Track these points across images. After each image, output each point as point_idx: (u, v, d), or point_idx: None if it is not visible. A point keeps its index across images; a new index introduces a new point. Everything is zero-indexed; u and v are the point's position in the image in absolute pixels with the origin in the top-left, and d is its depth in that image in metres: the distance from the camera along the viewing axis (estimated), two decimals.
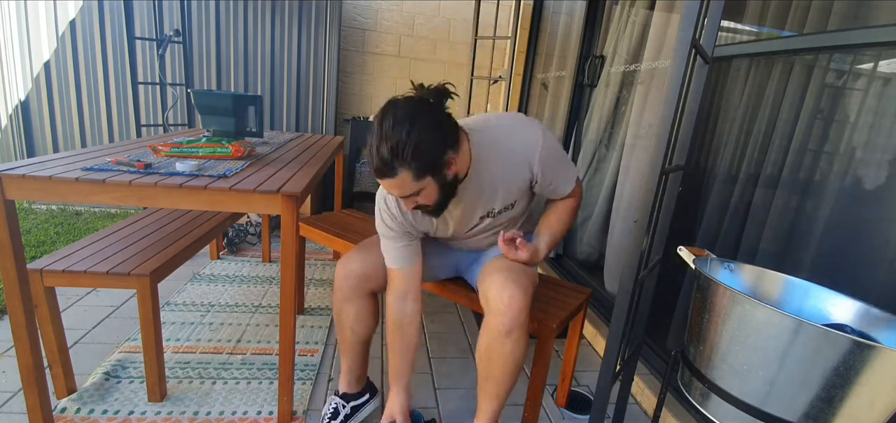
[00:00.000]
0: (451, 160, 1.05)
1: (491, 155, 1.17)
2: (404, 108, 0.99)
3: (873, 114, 1.22)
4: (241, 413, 1.48)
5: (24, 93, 3.19)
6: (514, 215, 1.33)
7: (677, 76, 0.89)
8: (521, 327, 1.16)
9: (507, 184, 1.22)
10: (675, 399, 1.59)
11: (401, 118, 0.98)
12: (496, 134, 1.19)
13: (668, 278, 1.38)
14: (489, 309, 1.20)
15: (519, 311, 1.15)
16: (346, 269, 1.34)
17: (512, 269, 1.23)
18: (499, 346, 1.18)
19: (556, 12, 3.29)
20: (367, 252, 1.36)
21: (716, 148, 1.71)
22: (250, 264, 2.68)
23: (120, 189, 1.20)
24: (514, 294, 1.15)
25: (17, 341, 1.24)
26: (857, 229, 1.21)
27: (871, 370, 0.77)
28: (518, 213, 1.33)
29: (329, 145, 2.32)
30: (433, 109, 1.03)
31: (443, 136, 1.03)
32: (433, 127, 1.01)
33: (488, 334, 1.20)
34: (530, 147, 1.19)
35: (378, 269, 1.33)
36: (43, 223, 2.98)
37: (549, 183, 1.27)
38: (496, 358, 1.20)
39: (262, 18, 3.31)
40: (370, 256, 1.35)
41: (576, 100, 2.79)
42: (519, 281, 1.18)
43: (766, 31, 1.60)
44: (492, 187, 1.21)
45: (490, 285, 1.21)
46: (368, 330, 1.40)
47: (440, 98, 1.06)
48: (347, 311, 1.36)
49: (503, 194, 1.23)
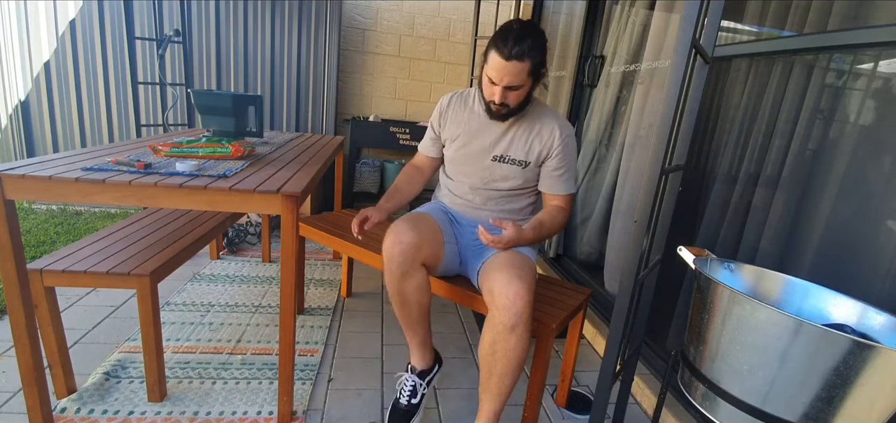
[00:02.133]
0: (546, 72, 1.35)
1: (536, 106, 1.45)
2: (533, 24, 1.31)
3: (873, 114, 1.22)
4: (241, 413, 1.48)
5: (24, 93, 3.19)
6: (520, 184, 1.47)
7: (677, 76, 0.89)
8: (525, 324, 1.19)
9: (533, 137, 1.42)
10: (675, 399, 1.59)
11: (534, 27, 1.28)
12: (542, 103, 1.49)
13: (668, 278, 1.38)
14: (494, 305, 1.21)
15: (524, 307, 1.18)
16: (400, 243, 1.30)
17: (516, 265, 1.26)
18: (503, 341, 1.20)
19: (556, 12, 3.29)
20: (414, 223, 1.35)
21: (716, 148, 1.71)
22: (250, 264, 2.68)
23: (120, 189, 1.20)
24: (520, 291, 1.18)
25: (17, 342, 1.24)
26: (858, 228, 1.21)
27: (871, 370, 0.77)
28: (521, 183, 1.47)
29: (329, 145, 2.32)
30: (546, 37, 1.32)
31: (546, 57, 1.32)
32: (546, 47, 1.31)
33: (493, 329, 1.22)
34: (562, 123, 1.44)
35: (428, 238, 1.35)
36: (43, 223, 2.98)
37: (555, 167, 1.43)
38: (501, 354, 1.22)
39: (262, 18, 3.31)
40: (418, 226, 1.35)
41: (576, 100, 2.79)
42: (523, 278, 1.22)
43: (766, 31, 1.60)
44: (527, 127, 1.42)
45: (495, 281, 1.23)
46: (430, 298, 1.39)
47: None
48: (408, 285, 1.33)
49: (522, 145, 1.42)
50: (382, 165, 3.77)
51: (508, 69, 1.26)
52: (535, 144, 1.42)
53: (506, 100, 1.32)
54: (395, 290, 1.35)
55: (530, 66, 1.27)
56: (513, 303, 1.17)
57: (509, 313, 1.18)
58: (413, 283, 1.33)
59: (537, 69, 1.30)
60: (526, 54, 1.24)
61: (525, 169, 1.44)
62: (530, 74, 1.29)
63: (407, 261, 1.30)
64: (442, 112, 1.54)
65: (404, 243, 1.29)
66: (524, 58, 1.25)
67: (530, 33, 1.25)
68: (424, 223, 1.40)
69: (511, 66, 1.25)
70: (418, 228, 1.34)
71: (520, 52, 1.24)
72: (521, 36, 1.23)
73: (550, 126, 1.42)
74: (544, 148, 1.42)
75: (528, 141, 1.42)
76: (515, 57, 1.24)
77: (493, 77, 1.30)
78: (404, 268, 1.30)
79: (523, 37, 1.23)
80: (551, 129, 1.41)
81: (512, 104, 1.33)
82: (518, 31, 1.24)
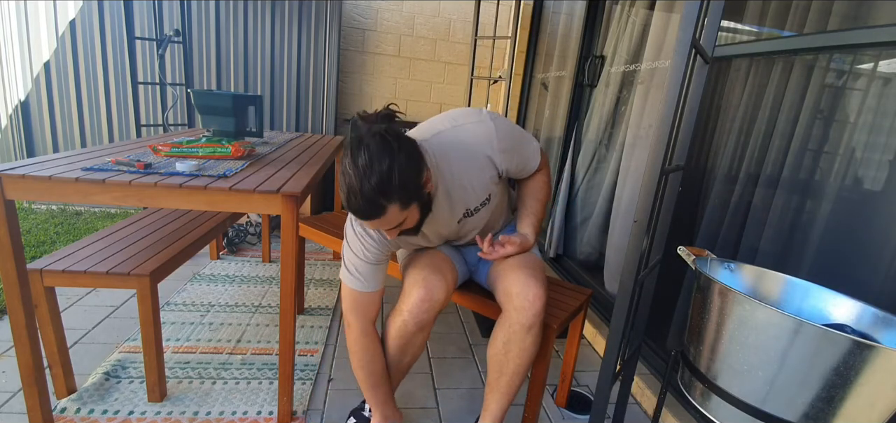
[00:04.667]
0: (428, 179, 1.04)
1: (450, 158, 1.15)
2: (375, 142, 0.96)
3: (873, 114, 1.22)
4: (241, 413, 1.48)
5: (24, 93, 3.19)
6: (495, 205, 1.30)
7: (677, 76, 0.89)
8: (541, 325, 1.21)
9: (474, 183, 1.19)
10: (675, 399, 1.59)
11: (377, 153, 0.95)
12: (447, 137, 1.16)
13: (668, 278, 1.38)
14: (512, 306, 1.20)
15: (542, 307, 1.19)
16: (430, 298, 1.19)
17: (531, 266, 1.25)
18: (519, 341, 1.21)
19: (556, 12, 3.29)
20: (443, 277, 1.24)
21: (716, 148, 1.71)
22: (250, 264, 2.68)
23: (120, 189, 1.20)
24: (538, 292, 1.19)
25: (17, 342, 1.24)
26: (858, 228, 1.21)
27: (871, 370, 0.77)
28: (496, 203, 1.30)
29: (329, 145, 2.32)
30: (398, 135, 1.00)
31: (417, 158, 1.01)
32: (408, 153, 0.99)
33: (508, 329, 1.21)
34: (485, 141, 1.16)
35: (450, 289, 1.27)
36: (43, 223, 2.98)
37: (515, 167, 1.26)
38: (515, 353, 1.22)
39: (262, 18, 3.31)
40: (445, 277, 1.25)
41: (576, 100, 2.79)
42: (539, 278, 1.22)
43: (766, 31, 1.60)
44: (461, 188, 1.18)
45: (513, 283, 1.22)
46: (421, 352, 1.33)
47: (394, 122, 1.05)
48: (417, 340, 1.26)
49: (473, 193, 1.21)
50: None
51: (378, 225, 1.05)
52: (480, 187, 1.21)
53: (406, 228, 1.10)
54: (400, 341, 1.25)
55: (399, 206, 1.00)
56: (532, 304, 1.18)
57: (528, 313, 1.18)
58: (422, 337, 1.27)
59: (408, 198, 1.00)
60: (379, 210, 0.99)
61: (493, 197, 1.27)
62: (403, 208, 1.01)
63: (428, 320, 1.22)
64: (376, 236, 1.21)
65: (434, 301, 1.20)
66: (381, 212, 0.99)
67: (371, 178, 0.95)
68: (447, 269, 1.28)
69: (377, 223, 1.03)
70: (447, 281, 1.24)
71: (371, 210, 0.99)
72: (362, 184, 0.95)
73: (477, 155, 1.17)
74: (491, 177, 1.21)
75: (474, 184, 1.20)
76: (371, 216, 1.00)
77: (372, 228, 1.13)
78: (422, 324, 1.22)
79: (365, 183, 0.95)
80: (480, 159, 1.18)
81: (412, 226, 1.10)
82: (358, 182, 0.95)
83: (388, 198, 0.97)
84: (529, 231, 1.33)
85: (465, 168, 1.17)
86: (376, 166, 0.95)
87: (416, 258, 1.31)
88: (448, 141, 1.16)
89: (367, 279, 1.22)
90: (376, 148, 0.95)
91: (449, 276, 1.27)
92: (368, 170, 0.94)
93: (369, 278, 1.23)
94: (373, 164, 0.95)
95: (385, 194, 0.96)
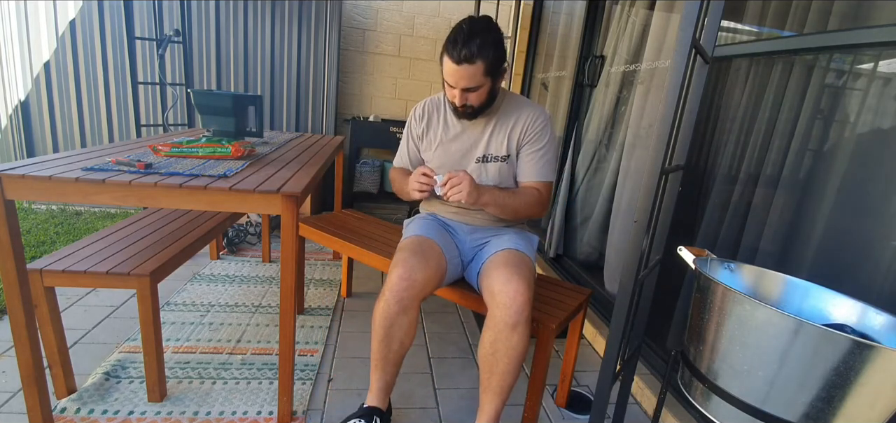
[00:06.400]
0: (504, 73, 1.33)
1: (511, 100, 1.45)
2: (483, 20, 1.28)
3: (873, 114, 1.22)
4: (241, 413, 1.48)
5: (24, 93, 3.19)
6: (502, 180, 1.45)
7: (677, 76, 0.89)
8: (525, 321, 1.20)
9: (510, 128, 1.41)
10: (675, 399, 1.59)
11: (483, 24, 1.25)
12: (518, 96, 1.49)
13: (668, 278, 1.38)
14: (495, 303, 1.22)
15: (524, 304, 1.19)
16: (408, 277, 1.25)
17: (514, 264, 1.27)
18: (505, 339, 1.21)
19: (556, 12, 3.29)
20: (425, 258, 1.31)
21: (716, 148, 1.71)
22: (250, 264, 2.68)
23: (120, 189, 1.20)
24: (519, 288, 1.19)
25: (17, 341, 1.24)
26: (858, 228, 1.21)
27: (871, 370, 0.77)
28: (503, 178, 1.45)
29: (329, 145, 2.32)
30: (499, 30, 1.29)
31: (504, 50, 1.30)
32: (502, 40, 1.29)
33: (494, 327, 1.22)
34: (540, 111, 1.43)
35: (433, 272, 1.31)
36: (43, 223, 2.98)
37: (533, 148, 1.42)
38: (502, 351, 1.22)
39: (262, 18, 3.31)
40: (428, 262, 1.31)
41: (576, 100, 2.79)
42: (522, 275, 1.23)
43: (766, 31, 1.60)
44: (504, 121, 1.42)
45: (495, 280, 1.24)
46: (412, 341, 1.34)
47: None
48: (401, 322, 1.28)
49: (503, 138, 1.42)
50: (382, 165, 3.76)
51: (461, 73, 1.25)
52: (513, 135, 1.42)
53: (467, 101, 1.32)
54: (385, 323, 1.28)
55: (484, 66, 1.25)
56: (513, 300, 1.18)
57: (510, 310, 1.18)
58: (405, 321, 1.28)
59: (493, 67, 1.27)
60: (476, 56, 1.22)
61: (509, 163, 1.43)
62: (486, 73, 1.26)
63: (409, 298, 1.26)
64: (418, 119, 1.53)
65: (413, 280, 1.25)
66: (474, 60, 1.23)
67: (479, 32, 1.22)
68: (432, 254, 1.35)
69: (463, 69, 1.24)
70: (429, 264, 1.30)
71: (469, 55, 1.22)
72: (469, 37, 1.21)
73: (527, 113, 1.42)
74: (522, 133, 1.41)
75: (506, 134, 1.42)
76: (465, 60, 1.23)
77: (449, 81, 1.30)
78: (404, 305, 1.26)
79: (472, 38, 1.21)
80: (528, 115, 1.41)
81: (475, 104, 1.33)
82: (466, 32, 1.22)
83: (484, 48, 1.23)
84: (487, 194, 1.35)
85: (512, 108, 1.43)
86: (486, 28, 1.25)
87: (404, 246, 1.38)
88: (514, 94, 1.50)
89: (404, 157, 1.58)
90: (483, 20, 1.28)
91: (432, 262, 1.32)
92: (476, 29, 1.23)
93: (406, 156, 1.58)
94: (480, 26, 1.24)
95: (484, 42, 1.22)
